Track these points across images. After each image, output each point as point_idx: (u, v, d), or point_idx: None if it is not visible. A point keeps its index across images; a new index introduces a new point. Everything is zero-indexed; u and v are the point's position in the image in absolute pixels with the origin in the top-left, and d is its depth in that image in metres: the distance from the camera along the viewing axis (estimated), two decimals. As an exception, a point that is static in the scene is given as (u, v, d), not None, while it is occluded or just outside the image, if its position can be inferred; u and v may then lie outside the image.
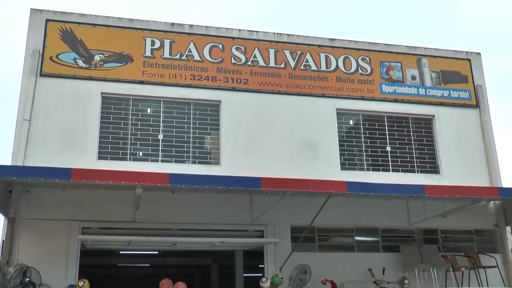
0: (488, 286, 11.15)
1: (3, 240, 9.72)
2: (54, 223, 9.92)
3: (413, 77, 12.87)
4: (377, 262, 11.14)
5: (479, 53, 13.65)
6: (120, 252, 14.49)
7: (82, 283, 9.08)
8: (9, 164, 9.90)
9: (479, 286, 11.05)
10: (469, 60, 13.42)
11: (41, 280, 8.32)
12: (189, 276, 18.72)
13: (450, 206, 10.99)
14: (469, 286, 11.12)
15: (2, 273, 9.25)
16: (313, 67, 12.28)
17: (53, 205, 10.02)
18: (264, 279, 10.15)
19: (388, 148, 12.26)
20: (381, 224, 11.67)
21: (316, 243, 11.25)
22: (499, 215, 12.26)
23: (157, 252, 14.39)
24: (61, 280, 9.47)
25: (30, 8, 11.14)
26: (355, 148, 12.12)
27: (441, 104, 12.80)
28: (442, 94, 12.89)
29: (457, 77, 13.20)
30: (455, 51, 13.47)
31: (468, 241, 12.16)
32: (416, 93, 12.75)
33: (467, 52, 13.53)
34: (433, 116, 12.68)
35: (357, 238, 11.59)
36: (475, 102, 13.03)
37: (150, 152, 10.99)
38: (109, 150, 10.74)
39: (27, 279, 8.04)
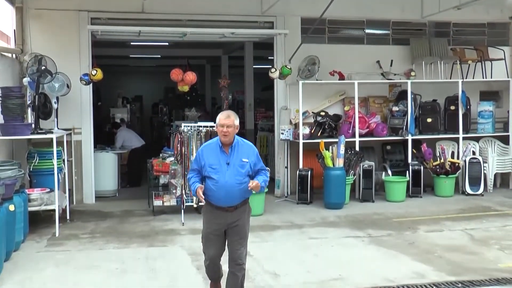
0: (492, 78, 11.39)
1: (14, 30, 9.79)
2: (62, 13, 9.88)
3: None
4: (386, 54, 11.23)
5: None
6: (131, 43, 14.61)
7: (95, 72, 9.40)
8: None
9: (483, 78, 11.30)
10: None
11: (56, 69, 8.52)
12: (199, 66, 19.14)
13: (467, -2, 10.65)
14: (473, 78, 11.37)
15: (18, 61, 9.51)
16: None
17: (60, -6, 9.87)
18: (273, 70, 10.40)
19: None
20: (393, 16, 11.48)
21: (326, 35, 11.23)
22: (515, 8, 11.98)
23: (167, 44, 14.50)
24: (75, 69, 9.73)
25: None
26: None
27: None
28: None
29: None
30: None
31: (479, 34, 12.05)
32: None
33: None
34: None
35: (367, 30, 11.51)
36: None
37: None
38: None
39: (43, 67, 8.22)
